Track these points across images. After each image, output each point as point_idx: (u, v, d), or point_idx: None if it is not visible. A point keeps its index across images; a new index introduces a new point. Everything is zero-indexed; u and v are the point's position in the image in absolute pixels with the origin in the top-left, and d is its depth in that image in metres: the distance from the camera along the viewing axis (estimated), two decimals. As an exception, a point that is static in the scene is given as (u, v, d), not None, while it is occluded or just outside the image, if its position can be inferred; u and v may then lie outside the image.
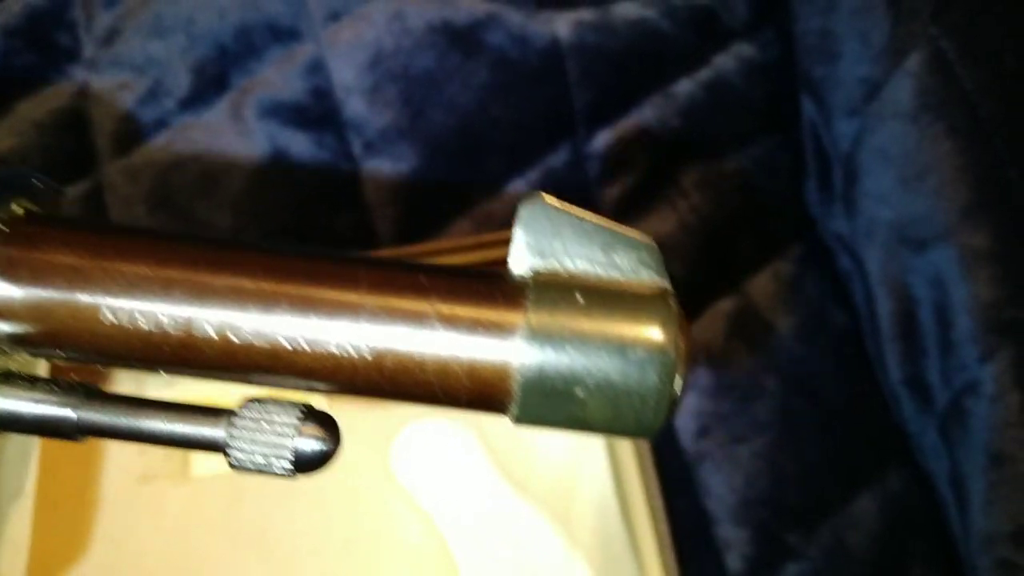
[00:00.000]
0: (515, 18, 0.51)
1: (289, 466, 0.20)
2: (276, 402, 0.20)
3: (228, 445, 0.20)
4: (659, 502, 0.43)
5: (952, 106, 0.45)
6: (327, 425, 0.20)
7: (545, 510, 0.46)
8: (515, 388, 0.18)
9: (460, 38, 0.50)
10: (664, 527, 0.43)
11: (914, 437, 0.47)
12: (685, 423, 0.48)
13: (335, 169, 0.49)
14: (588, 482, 0.47)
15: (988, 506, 0.42)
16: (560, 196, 0.47)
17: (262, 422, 0.20)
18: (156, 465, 0.46)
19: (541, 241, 0.19)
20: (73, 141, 0.48)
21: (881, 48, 0.46)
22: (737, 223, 0.51)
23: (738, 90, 0.53)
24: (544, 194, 0.19)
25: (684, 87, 0.53)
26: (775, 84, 0.54)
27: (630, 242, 0.19)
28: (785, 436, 0.48)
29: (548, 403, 0.18)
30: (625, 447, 0.45)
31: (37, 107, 0.48)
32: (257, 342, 0.19)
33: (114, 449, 0.45)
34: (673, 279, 0.19)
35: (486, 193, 0.49)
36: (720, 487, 0.47)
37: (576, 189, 0.50)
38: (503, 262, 0.20)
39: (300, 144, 0.48)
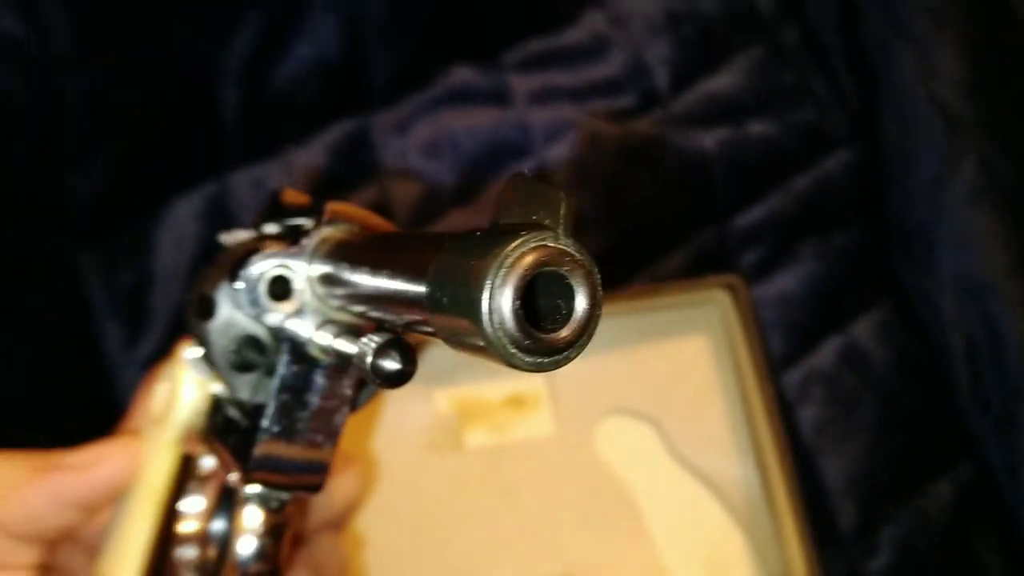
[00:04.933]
0: (675, 136, 0.70)
1: (373, 378, 0.25)
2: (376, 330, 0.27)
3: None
4: (793, 482, 0.59)
5: (995, 194, 0.61)
6: (401, 349, 0.25)
7: (709, 488, 0.62)
8: None
9: (637, 151, 0.70)
10: (798, 499, 0.59)
11: (978, 436, 0.63)
12: (806, 424, 0.65)
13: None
14: (740, 468, 0.63)
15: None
16: (708, 265, 0.68)
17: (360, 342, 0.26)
18: (439, 437, 0.64)
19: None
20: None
21: (943, 154, 0.63)
22: (843, 282, 0.67)
23: (840, 184, 0.68)
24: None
25: (800, 183, 0.68)
26: (868, 179, 0.67)
27: None
28: (879, 436, 0.64)
29: None
30: (768, 447, 0.61)
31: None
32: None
33: (407, 422, 0.62)
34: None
35: (658, 259, 0.68)
36: (833, 471, 0.63)
37: (720, 257, 0.67)
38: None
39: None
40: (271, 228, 0.34)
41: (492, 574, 0.62)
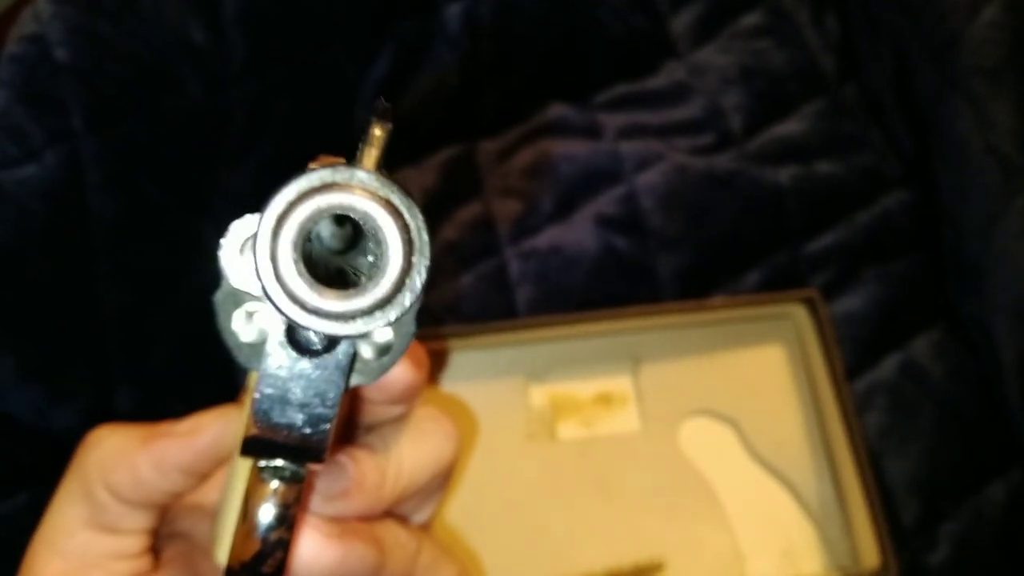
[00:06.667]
0: (754, 170, 0.78)
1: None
2: None
3: None
4: (866, 478, 0.64)
5: (1044, 228, 0.69)
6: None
7: (782, 483, 0.69)
8: None
9: (720, 181, 0.78)
10: (872, 493, 0.63)
11: (1028, 443, 0.69)
12: (871, 429, 0.71)
13: (633, 258, 0.76)
14: (812, 465, 0.69)
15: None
16: (780, 285, 0.76)
17: None
18: (535, 429, 0.71)
19: None
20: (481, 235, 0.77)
21: (996, 193, 0.71)
22: (902, 305, 0.74)
23: (898, 219, 0.75)
24: None
25: (861, 217, 0.75)
26: (924, 215, 0.73)
27: None
28: (938, 441, 0.70)
29: None
30: (841, 446, 0.67)
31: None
32: None
33: (508, 414, 0.69)
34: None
35: (736, 276, 0.76)
36: (896, 471, 0.68)
37: (793, 277, 0.74)
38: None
39: (620, 242, 0.76)
40: None
41: (582, 553, 0.67)
